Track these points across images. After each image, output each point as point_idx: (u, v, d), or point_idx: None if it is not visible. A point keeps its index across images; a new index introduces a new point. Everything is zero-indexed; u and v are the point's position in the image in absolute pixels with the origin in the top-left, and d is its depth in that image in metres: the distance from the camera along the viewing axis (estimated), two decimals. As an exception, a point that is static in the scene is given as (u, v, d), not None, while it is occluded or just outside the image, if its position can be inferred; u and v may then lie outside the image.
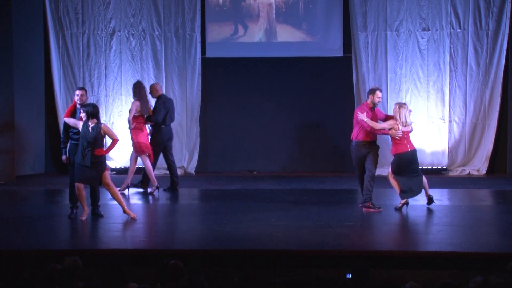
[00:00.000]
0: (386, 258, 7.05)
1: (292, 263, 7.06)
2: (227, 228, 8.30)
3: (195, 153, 14.12)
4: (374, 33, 13.75)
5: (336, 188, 11.84)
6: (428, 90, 13.73)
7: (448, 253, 7.12)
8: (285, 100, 14.23)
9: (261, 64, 14.26)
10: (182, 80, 14.04)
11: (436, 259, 7.02)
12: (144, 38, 13.98)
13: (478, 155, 13.76)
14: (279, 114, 14.24)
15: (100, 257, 7.02)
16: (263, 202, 10.47)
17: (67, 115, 9.23)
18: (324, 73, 14.21)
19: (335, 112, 14.17)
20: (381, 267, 6.87)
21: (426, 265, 6.97)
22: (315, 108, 14.22)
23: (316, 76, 14.22)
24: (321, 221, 8.76)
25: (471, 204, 10.31)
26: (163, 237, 8.00)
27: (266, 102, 14.27)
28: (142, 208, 9.99)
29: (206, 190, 12.16)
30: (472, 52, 13.60)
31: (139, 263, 7.02)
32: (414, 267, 6.93)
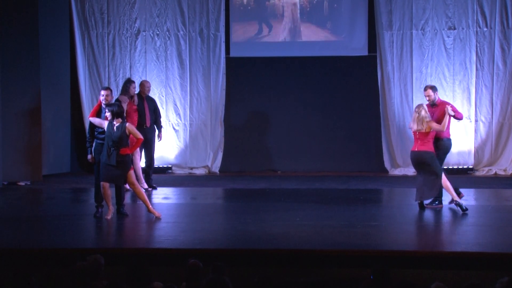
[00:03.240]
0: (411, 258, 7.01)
1: (316, 263, 7.04)
2: (251, 228, 8.30)
3: (219, 153, 14.15)
4: (399, 32, 13.68)
5: (361, 188, 11.79)
6: (454, 89, 13.62)
7: (475, 253, 7.05)
8: (309, 99, 14.20)
9: (285, 63, 14.25)
10: (207, 79, 14.07)
11: (463, 259, 6.96)
12: (169, 38, 14.03)
13: (504, 155, 13.63)
14: (303, 114, 14.21)
15: (125, 256, 7.04)
16: (287, 201, 10.46)
17: (93, 114, 9.30)
18: (349, 72, 14.16)
19: (359, 111, 14.11)
20: (405, 267, 6.83)
21: (452, 265, 6.91)
22: (340, 108, 14.18)
23: (341, 75, 14.17)
24: (345, 221, 8.73)
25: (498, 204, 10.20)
26: (187, 236, 8.01)
27: (290, 101, 14.25)
28: (167, 207, 10.02)
29: (230, 190, 12.17)
30: (499, 51, 13.47)
31: (164, 262, 7.04)
32: (440, 268, 6.87)
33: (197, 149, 14.16)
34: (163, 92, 14.06)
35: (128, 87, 11.19)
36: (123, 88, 11.29)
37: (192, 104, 14.12)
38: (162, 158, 13.97)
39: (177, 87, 14.09)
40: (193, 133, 14.14)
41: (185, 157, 14.16)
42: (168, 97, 14.10)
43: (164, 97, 14.06)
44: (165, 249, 7.37)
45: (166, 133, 13.90)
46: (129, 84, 11.26)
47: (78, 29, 13.94)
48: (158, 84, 14.02)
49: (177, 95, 14.10)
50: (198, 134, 14.16)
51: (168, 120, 14.07)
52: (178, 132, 14.12)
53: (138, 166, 11.37)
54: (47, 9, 13.29)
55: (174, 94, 14.11)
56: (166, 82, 14.07)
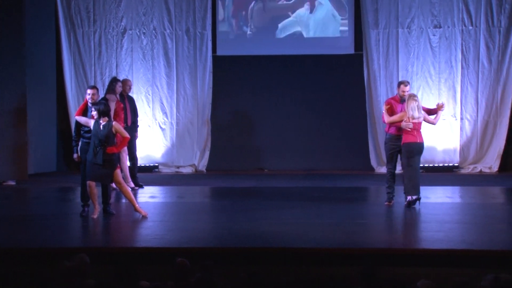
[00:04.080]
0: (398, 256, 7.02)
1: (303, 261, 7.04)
2: (239, 226, 8.29)
3: (206, 151, 14.13)
4: (385, 30, 13.72)
5: (348, 186, 11.82)
6: (439, 87, 13.68)
7: (461, 251, 7.08)
8: (296, 98, 14.22)
9: (271, 62, 14.26)
10: (193, 78, 14.05)
11: (449, 257, 6.98)
12: (155, 37, 14.00)
13: (489, 153, 13.70)
14: (290, 112, 14.22)
15: (111, 255, 7.02)
16: (275, 200, 10.45)
17: (79, 113, 9.25)
18: (335, 70, 14.18)
19: (346, 109, 14.15)
20: (392, 265, 6.84)
21: (438, 263, 6.93)
22: (326, 106, 14.20)
23: (327, 73, 14.19)
24: (333, 219, 8.74)
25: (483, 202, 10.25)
26: (174, 235, 7.99)
27: (277, 100, 14.26)
28: (154, 206, 9.99)
29: (217, 188, 12.16)
30: (484, 49, 13.53)
31: (151, 261, 7.01)
32: (426, 265, 6.90)
33: (184, 148, 14.14)
34: (149, 91, 14.02)
35: (114, 86, 11.15)
36: (109, 87, 11.25)
37: (179, 102, 14.09)
38: (149, 157, 13.94)
39: (164, 86, 14.06)
40: (180, 131, 14.11)
41: (172, 156, 14.13)
42: (155, 95, 14.06)
43: (151, 96, 14.02)
44: (152, 248, 7.35)
45: (152, 132, 13.89)
46: (116, 83, 11.22)
47: (64, 28, 13.87)
48: (144, 82, 13.99)
49: (164, 93, 14.07)
50: (185, 133, 14.14)
51: (154, 119, 14.04)
52: (165, 130, 14.09)
53: (125, 165, 11.34)
54: (33, 8, 13.22)
55: (160, 93, 14.07)
56: (153, 81, 14.03)
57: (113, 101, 10.73)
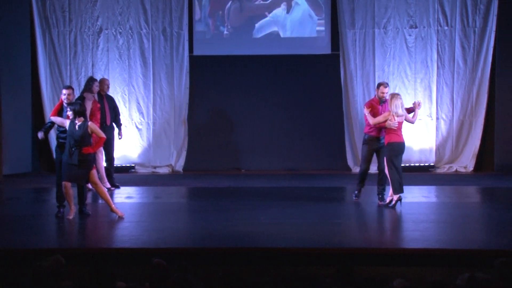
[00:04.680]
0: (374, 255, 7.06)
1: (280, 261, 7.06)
2: (216, 226, 8.29)
3: (183, 151, 14.10)
4: (361, 30, 13.77)
5: (325, 186, 11.85)
6: (415, 87, 13.77)
7: (436, 250, 7.14)
8: (273, 98, 14.23)
9: (249, 62, 14.25)
10: (170, 78, 14.01)
11: (424, 256, 7.04)
12: (131, 36, 13.93)
13: (465, 152, 13.81)
14: (267, 112, 14.23)
15: (87, 256, 6.99)
16: (251, 200, 10.46)
17: (54, 113, 9.19)
18: (312, 70, 14.21)
19: (323, 110, 14.18)
20: (368, 264, 6.88)
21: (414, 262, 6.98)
22: (304, 106, 14.22)
23: (304, 73, 14.22)
24: (310, 219, 8.77)
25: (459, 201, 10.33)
26: (151, 235, 7.97)
27: (254, 100, 14.26)
28: (130, 207, 9.96)
29: (194, 188, 12.14)
30: (459, 50, 13.65)
31: (128, 262, 6.99)
32: (402, 265, 6.94)
33: (161, 148, 14.09)
34: (126, 90, 13.96)
35: (91, 85, 11.12)
36: (86, 86, 11.20)
37: (156, 102, 14.04)
38: (125, 157, 13.88)
39: (140, 86, 14.00)
40: (157, 132, 14.07)
41: (149, 156, 14.08)
42: (131, 95, 14.00)
43: (127, 96, 13.96)
44: (128, 248, 7.33)
45: (129, 132, 13.82)
46: (92, 82, 11.18)
47: (39, 27, 13.76)
48: (121, 82, 13.92)
49: (140, 93, 14.01)
50: (161, 133, 14.09)
51: (131, 119, 13.98)
52: (141, 131, 14.03)
53: (101, 165, 11.30)
54: (7, 7, 13.10)
55: (137, 93, 14.01)
56: (129, 81, 13.97)
57: (89, 101, 10.68)
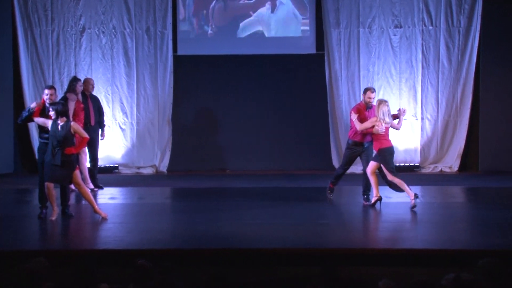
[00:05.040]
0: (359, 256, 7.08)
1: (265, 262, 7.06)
2: (200, 227, 8.28)
3: (167, 152, 14.07)
4: (346, 30, 13.80)
5: (310, 186, 11.86)
6: (400, 87, 13.81)
7: (421, 250, 7.17)
8: (257, 98, 14.23)
9: (233, 62, 14.24)
10: (154, 78, 13.97)
11: (409, 256, 7.06)
12: (115, 36, 13.89)
13: (450, 152, 13.88)
14: (252, 112, 14.23)
15: (71, 258, 6.95)
16: (236, 200, 10.45)
17: (36, 114, 9.14)
18: (297, 70, 14.22)
19: (308, 109, 14.20)
20: (354, 265, 6.90)
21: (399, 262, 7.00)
22: (288, 106, 14.23)
23: (289, 73, 14.23)
24: (294, 220, 8.78)
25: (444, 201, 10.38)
26: (135, 236, 7.95)
27: (238, 100, 14.25)
28: (113, 208, 9.92)
29: (178, 189, 12.13)
30: (444, 49, 13.71)
31: (111, 264, 6.97)
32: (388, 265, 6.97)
33: (145, 148, 14.05)
34: (109, 90, 13.91)
35: (74, 85, 11.07)
36: (69, 86, 11.15)
37: (139, 102, 14.00)
38: (109, 158, 13.82)
39: (124, 86, 13.96)
40: (140, 132, 14.03)
41: (132, 157, 14.03)
42: (115, 95, 13.95)
43: (111, 96, 13.91)
44: (112, 250, 7.30)
45: (112, 132, 13.77)
46: (76, 82, 11.14)
47: (20, 27, 13.68)
48: (104, 82, 13.86)
49: (124, 93, 13.97)
50: (145, 133, 14.05)
51: (114, 119, 13.93)
52: (125, 131, 13.99)
53: (84, 166, 11.26)
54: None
55: (120, 93, 13.96)
56: (113, 81, 13.92)
57: (73, 101, 10.64)
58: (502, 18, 13.51)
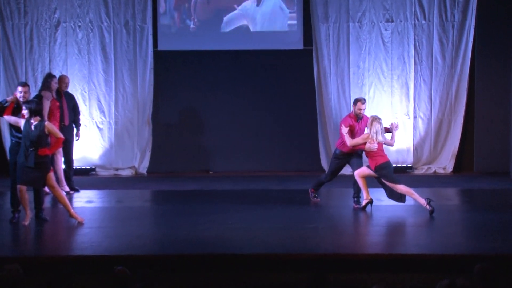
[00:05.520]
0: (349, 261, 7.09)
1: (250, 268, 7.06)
2: (182, 232, 8.27)
3: (147, 152, 14.03)
4: (335, 24, 13.82)
5: (298, 188, 11.86)
6: (392, 84, 13.85)
7: (414, 255, 7.19)
8: (242, 95, 14.23)
9: (217, 57, 14.23)
10: (133, 74, 13.93)
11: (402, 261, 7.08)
12: (91, 30, 13.83)
13: (444, 153, 13.93)
14: (236, 110, 14.22)
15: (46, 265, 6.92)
16: (220, 203, 10.46)
17: (8, 112, 9.08)
18: (284, 66, 14.23)
19: (296, 108, 14.21)
20: (344, 271, 6.91)
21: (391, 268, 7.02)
22: (275, 104, 14.23)
23: (276, 70, 14.23)
24: (282, 223, 8.78)
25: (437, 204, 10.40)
26: (113, 242, 7.93)
27: (222, 98, 14.24)
28: (90, 211, 9.89)
29: (159, 192, 12.10)
30: (438, 45, 13.76)
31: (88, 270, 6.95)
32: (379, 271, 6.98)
33: (123, 149, 14.01)
34: (85, 88, 13.85)
35: (49, 82, 11.03)
36: (44, 84, 11.10)
37: (118, 100, 13.96)
38: (85, 159, 13.77)
39: (101, 83, 13.91)
40: (119, 131, 13.98)
41: (110, 158, 13.98)
42: (92, 93, 13.90)
43: (87, 94, 13.85)
44: (88, 256, 7.28)
45: (89, 132, 13.72)
46: (50, 79, 11.09)
47: (-9, 20, 13.61)
48: (80, 79, 13.81)
49: (101, 91, 13.92)
50: (124, 133, 14.01)
51: (91, 118, 13.88)
52: (103, 130, 13.94)
53: (59, 167, 11.21)
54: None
55: (98, 90, 13.91)
56: (89, 77, 13.87)
57: (48, 99, 10.60)
58: (498, 12, 13.59)
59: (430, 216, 9.17)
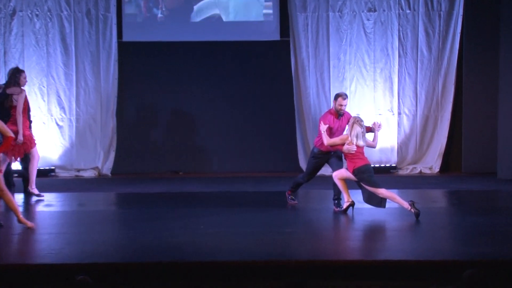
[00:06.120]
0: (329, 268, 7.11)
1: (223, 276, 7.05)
2: (149, 238, 8.24)
3: (111, 152, 13.98)
4: (314, 14, 13.86)
5: (274, 190, 11.88)
6: (375, 78, 13.92)
7: (399, 261, 7.21)
8: (214, 90, 14.22)
9: (187, 49, 14.21)
10: (96, 67, 13.88)
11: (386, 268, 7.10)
12: (50, 19, 13.75)
13: (430, 151, 14.02)
14: (208, 106, 14.21)
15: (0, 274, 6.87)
16: (190, 207, 10.45)
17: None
18: (259, 59, 14.25)
19: (272, 103, 14.23)
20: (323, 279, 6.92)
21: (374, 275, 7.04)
22: (250, 100, 14.25)
23: (250, 62, 14.25)
24: (257, 228, 8.78)
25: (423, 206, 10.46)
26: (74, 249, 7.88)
27: (193, 92, 14.22)
28: (49, 216, 9.82)
29: (124, 194, 12.06)
30: (423, 36, 13.85)
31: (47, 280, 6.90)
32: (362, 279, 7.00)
33: (85, 148, 13.95)
34: (44, 82, 13.77)
35: (18, 78, 10.94)
36: (12, 79, 10.97)
37: (79, 96, 13.89)
38: (44, 159, 13.65)
39: (61, 76, 13.83)
40: (80, 129, 13.92)
41: (71, 158, 13.92)
42: (50, 87, 13.82)
43: (46, 88, 13.77)
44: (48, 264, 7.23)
45: (48, 130, 13.66)
46: (19, 74, 11.00)
47: None
48: (38, 72, 13.72)
49: (61, 85, 13.84)
50: (86, 131, 13.95)
51: (50, 115, 13.80)
52: (63, 128, 13.87)
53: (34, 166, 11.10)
54: None
55: (57, 85, 13.83)
56: (48, 71, 13.78)
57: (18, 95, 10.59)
58: (487, 1, 13.69)
59: (416, 219, 9.21)
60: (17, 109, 10.72)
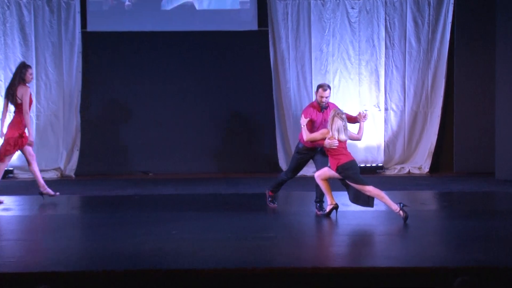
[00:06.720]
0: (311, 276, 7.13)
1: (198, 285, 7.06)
2: (116, 244, 8.23)
3: (75, 151, 13.95)
4: (294, 2, 13.90)
5: (252, 192, 11.91)
6: (360, 71, 13.97)
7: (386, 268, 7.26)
8: (187, 85, 14.21)
9: (157, 40, 14.19)
10: (58, 60, 13.84)
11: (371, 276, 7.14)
12: (8, 7, 13.70)
13: (419, 150, 14.10)
14: (180, 102, 14.20)
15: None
16: (161, 210, 10.45)
17: None
18: (236, 51, 14.27)
19: (250, 99, 14.25)
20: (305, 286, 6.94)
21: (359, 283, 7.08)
22: (226, 95, 14.26)
23: (226, 54, 14.26)
24: (233, 233, 8.79)
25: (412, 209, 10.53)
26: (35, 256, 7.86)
27: (163, 87, 14.21)
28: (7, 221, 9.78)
29: (89, 197, 12.03)
30: (412, 25, 13.92)
31: (4, 291, 6.89)
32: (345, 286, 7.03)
33: (47, 147, 13.91)
34: (1, 75, 13.73)
35: (24, 74, 10.89)
36: (19, 76, 10.89)
37: (40, 90, 13.85)
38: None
39: (20, 69, 13.76)
40: (41, 126, 13.87)
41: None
42: (8, 81, 13.72)
43: (3, 82, 13.72)
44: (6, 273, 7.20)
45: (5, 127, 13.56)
46: (25, 70, 10.94)
47: None
48: (-6, 65, 13.68)
49: (20, 79, 13.77)
50: (47, 128, 13.91)
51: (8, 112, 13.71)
52: (22, 125, 13.80)
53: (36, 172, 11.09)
54: None
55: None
56: (6, 63, 13.74)
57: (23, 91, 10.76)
58: (480, -11, 13.80)
59: (404, 223, 9.26)
60: (24, 108, 10.83)
